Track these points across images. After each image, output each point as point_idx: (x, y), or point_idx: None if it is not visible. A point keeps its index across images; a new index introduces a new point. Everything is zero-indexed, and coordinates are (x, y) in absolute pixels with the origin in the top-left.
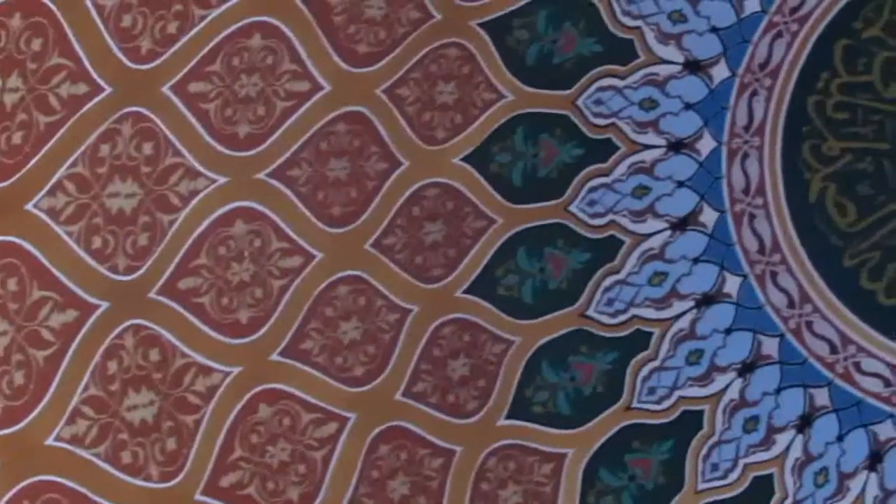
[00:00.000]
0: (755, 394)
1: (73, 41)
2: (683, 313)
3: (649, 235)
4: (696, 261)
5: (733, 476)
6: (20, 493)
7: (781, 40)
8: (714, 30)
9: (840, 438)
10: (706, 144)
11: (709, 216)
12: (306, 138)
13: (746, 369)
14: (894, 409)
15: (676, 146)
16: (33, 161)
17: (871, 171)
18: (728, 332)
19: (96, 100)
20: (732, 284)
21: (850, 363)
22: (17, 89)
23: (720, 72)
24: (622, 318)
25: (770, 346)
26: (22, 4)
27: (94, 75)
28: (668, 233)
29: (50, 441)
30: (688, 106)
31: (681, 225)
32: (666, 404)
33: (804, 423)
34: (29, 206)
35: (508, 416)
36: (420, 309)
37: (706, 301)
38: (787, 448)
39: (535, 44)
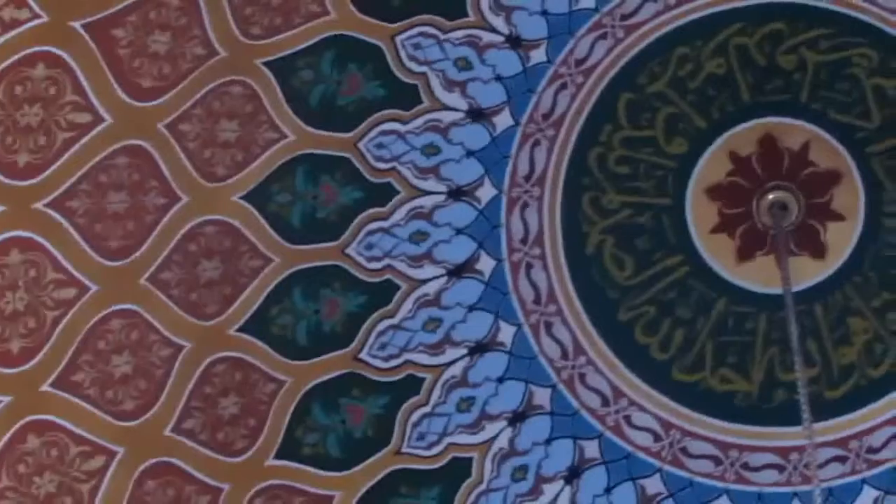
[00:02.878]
0: (525, 443)
1: None
2: (456, 360)
3: (426, 281)
4: (471, 308)
5: None
6: None
7: (566, 91)
8: (499, 78)
9: (608, 491)
10: (486, 192)
11: (486, 264)
12: (86, 170)
13: (517, 418)
14: (663, 463)
15: (457, 193)
16: None
17: (650, 226)
18: (500, 380)
19: None
20: (507, 333)
21: (621, 416)
22: None
23: (503, 120)
24: (395, 362)
25: (542, 397)
26: None
27: None
28: (445, 279)
29: None
30: (470, 153)
31: (457, 272)
32: (435, 450)
33: (573, 474)
34: None
35: (277, 457)
36: (193, 345)
37: (480, 349)
38: (555, 498)
39: (319, 85)
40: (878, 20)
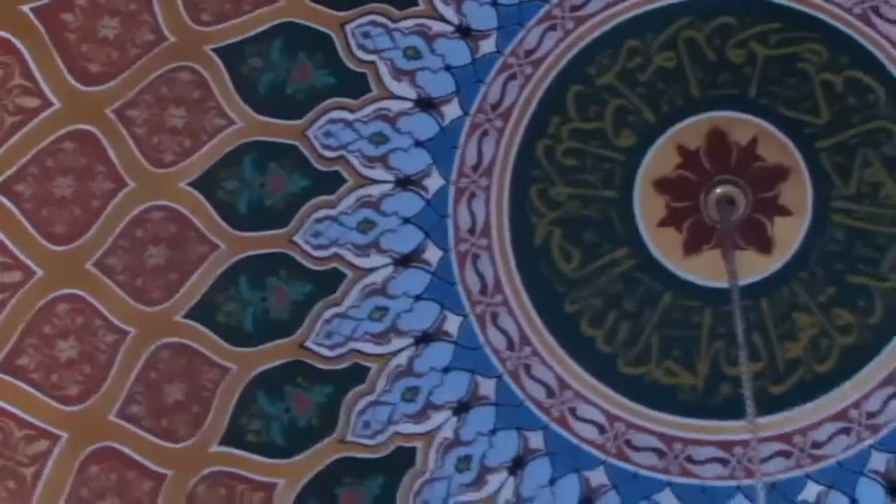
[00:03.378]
0: (469, 434)
1: None
2: (402, 350)
3: (372, 270)
4: (417, 298)
5: None
6: None
7: (515, 82)
8: (448, 68)
9: (552, 482)
10: (434, 182)
11: (433, 254)
12: (33, 154)
13: (462, 409)
14: (607, 455)
15: (404, 182)
16: None
17: (598, 219)
18: (446, 370)
19: None
20: (453, 323)
21: (566, 408)
22: None
23: (452, 110)
24: (341, 351)
25: (487, 387)
26: None
27: None
28: (392, 268)
29: None
30: (418, 143)
31: (404, 261)
32: (380, 439)
33: (517, 465)
34: None
35: (221, 443)
36: (138, 331)
37: (425, 339)
38: (499, 489)
39: (268, 72)
40: (828, 15)
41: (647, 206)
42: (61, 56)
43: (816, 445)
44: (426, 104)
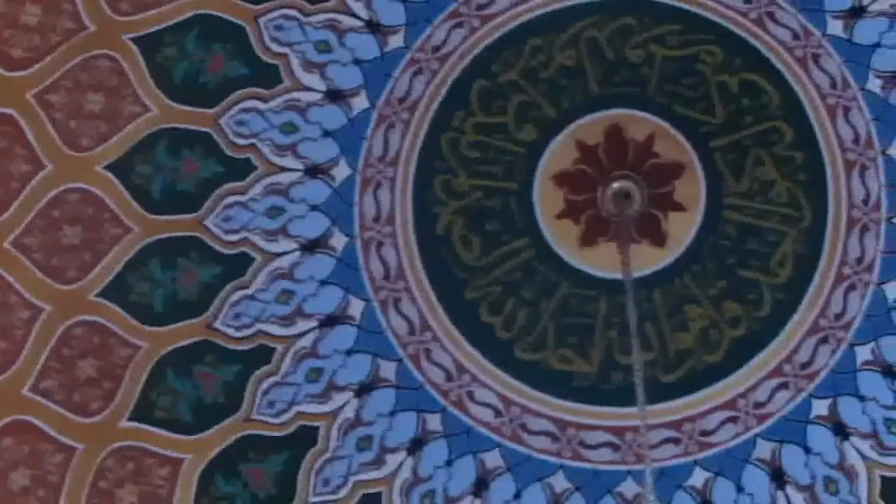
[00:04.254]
0: (370, 414)
1: None
2: (307, 332)
3: (280, 255)
4: (322, 283)
5: (343, 492)
6: None
7: (421, 77)
8: (357, 62)
9: (449, 463)
10: (342, 171)
11: (339, 240)
12: None
13: (364, 390)
14: (503, 438)
15: (313, 171)
16: None
17: (499, 210)
18: (349, 353)
19: None
20: (356, 308)
21: (464, 392)
22: None
23: (360, 102)
24: (248, 332)
25: (388, 370)
26: None
27: None
28: (299, 254)
29: None
30: (327, 133)
31: (311, 247)
32: (284, 418)
33: (415, 446)
34: None
35: (131, 419)
36: (53, 308)
37: (330, 322)
38: (397, 469)
39: (183, 62)
40: (725, 19)
41: (546, 199)
42: None
43: (705, 433)
44: (335, 96)
